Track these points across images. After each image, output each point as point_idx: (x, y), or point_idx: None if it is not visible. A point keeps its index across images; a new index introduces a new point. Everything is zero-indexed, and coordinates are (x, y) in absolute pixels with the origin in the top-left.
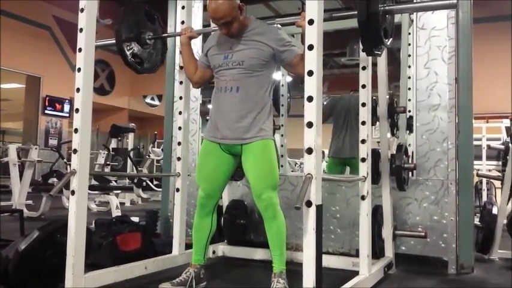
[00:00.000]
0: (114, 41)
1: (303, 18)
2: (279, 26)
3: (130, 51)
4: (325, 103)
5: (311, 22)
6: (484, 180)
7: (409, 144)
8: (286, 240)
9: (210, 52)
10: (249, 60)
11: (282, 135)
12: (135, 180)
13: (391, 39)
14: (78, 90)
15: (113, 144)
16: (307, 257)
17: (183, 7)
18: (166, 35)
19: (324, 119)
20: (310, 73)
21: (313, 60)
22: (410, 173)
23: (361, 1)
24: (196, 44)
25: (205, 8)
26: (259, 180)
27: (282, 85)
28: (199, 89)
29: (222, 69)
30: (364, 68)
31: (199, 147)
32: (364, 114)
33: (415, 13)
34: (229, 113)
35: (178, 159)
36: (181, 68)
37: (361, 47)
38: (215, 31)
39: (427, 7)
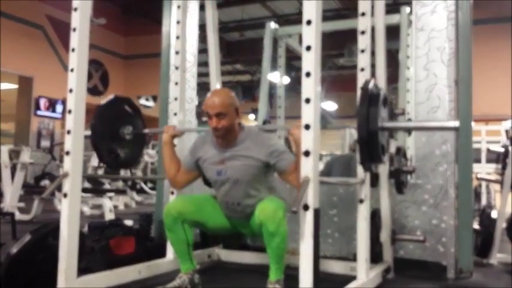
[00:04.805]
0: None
1: (296, 127)
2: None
3: (107, 145)
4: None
5: (309, 23)
6: (484, 183)
7: (408, 147)
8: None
9: (201, 162)
10: (243, 177)
11: (279, 137)
12: (129, 183)
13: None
14: (71, 91)
15: None
16: (304, 262)
17: (178, 7)
18: (147, 131)
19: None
20: (308, 74)
21: (310, 62)
22: (409, 176)
23: (362, 121)
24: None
25: (201, 7)
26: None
27: (279, 86)
28: (195, 90)
29: (217, 184)
30: (362, 70)
31: None
32: None
33: (414, 14)
34: (230, 200)
35: None
36: (176, 68)
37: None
38: (201, 131)
39: (425, 127)
